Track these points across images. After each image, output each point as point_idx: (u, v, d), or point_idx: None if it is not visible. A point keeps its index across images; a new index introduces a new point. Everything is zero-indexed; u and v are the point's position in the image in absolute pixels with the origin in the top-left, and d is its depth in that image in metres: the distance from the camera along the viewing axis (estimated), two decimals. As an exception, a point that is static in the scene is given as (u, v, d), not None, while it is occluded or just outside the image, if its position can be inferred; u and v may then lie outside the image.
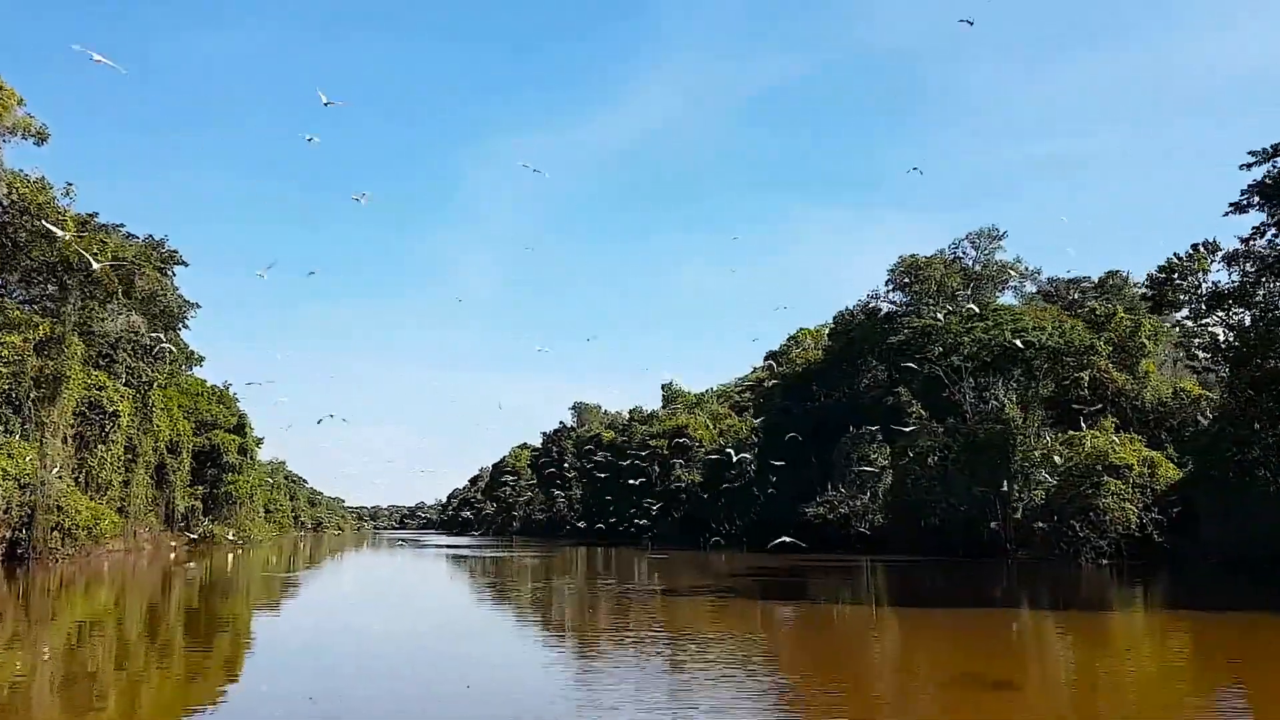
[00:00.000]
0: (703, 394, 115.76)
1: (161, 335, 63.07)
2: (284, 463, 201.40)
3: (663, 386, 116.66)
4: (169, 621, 24.96)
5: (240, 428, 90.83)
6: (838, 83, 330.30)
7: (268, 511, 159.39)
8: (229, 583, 41.99)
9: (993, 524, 51.25)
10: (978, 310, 57.01)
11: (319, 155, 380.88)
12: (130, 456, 62.32)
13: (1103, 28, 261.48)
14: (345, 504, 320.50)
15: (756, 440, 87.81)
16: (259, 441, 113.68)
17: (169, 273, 64.36)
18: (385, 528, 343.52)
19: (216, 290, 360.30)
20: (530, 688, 14.64)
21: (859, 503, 58.23)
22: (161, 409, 66.06)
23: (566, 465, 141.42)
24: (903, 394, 61.40)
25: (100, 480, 56.14)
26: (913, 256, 67.47)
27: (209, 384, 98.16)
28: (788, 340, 78.58)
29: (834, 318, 72.69)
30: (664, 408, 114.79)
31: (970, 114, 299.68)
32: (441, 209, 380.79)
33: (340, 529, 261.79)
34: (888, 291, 70.27)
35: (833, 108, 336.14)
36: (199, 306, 64.77)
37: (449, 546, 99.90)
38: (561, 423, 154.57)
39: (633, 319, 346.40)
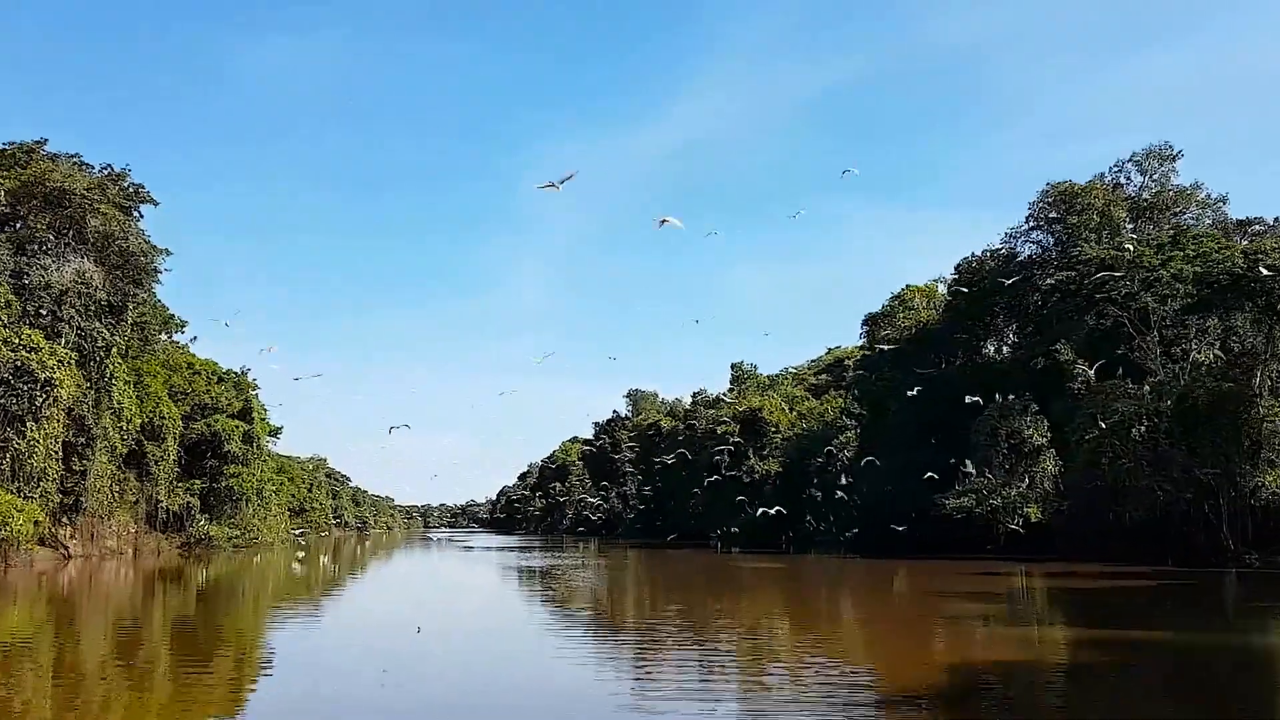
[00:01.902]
0: (776, 375, 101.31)
1: (130, 289, 50.93)
2: (325, 459, 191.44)
3: (732, 366, 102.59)
4: None
5: (246, 413, 78.77)
6: (893, 83, 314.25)
7: (301, 511, 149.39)
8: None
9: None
10: (1171, 238, 41.97)
11: (371, 165, 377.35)
12: (84, 440, 50.21)
13: (1166, 25, 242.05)
14: (395, 502, 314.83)
15: (851, 422, 73.34)
16: (276, 430, 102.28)
17: (134, 213, 52.16)
18: (436, 526, 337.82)
19: (274, 298, 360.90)
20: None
21: (1013, 492, 43.52)
22: (126, 382, 53.84)
23: (621, 457, 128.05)
24: (1062, 351, 46.61)
25: (29, 468, 43.95)
26: (1067, 183, 52.53)
27: (214, 363, 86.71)
28: (891, 300, 63.98)
29: (956, 267, 58.06)
30: (732, 390, 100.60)
31: (1030, 113, 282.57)
32: (494, 218, 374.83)
33: (390, 527, 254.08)
34: (1027, 230, 55.39)
35: (888, 108, 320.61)
36: (169, 253, 52.37)
37: (490, 549, 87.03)
38: (615, 412, 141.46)
39: (686, 323, 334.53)
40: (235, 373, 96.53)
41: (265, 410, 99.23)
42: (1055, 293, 47.67)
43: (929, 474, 51.21)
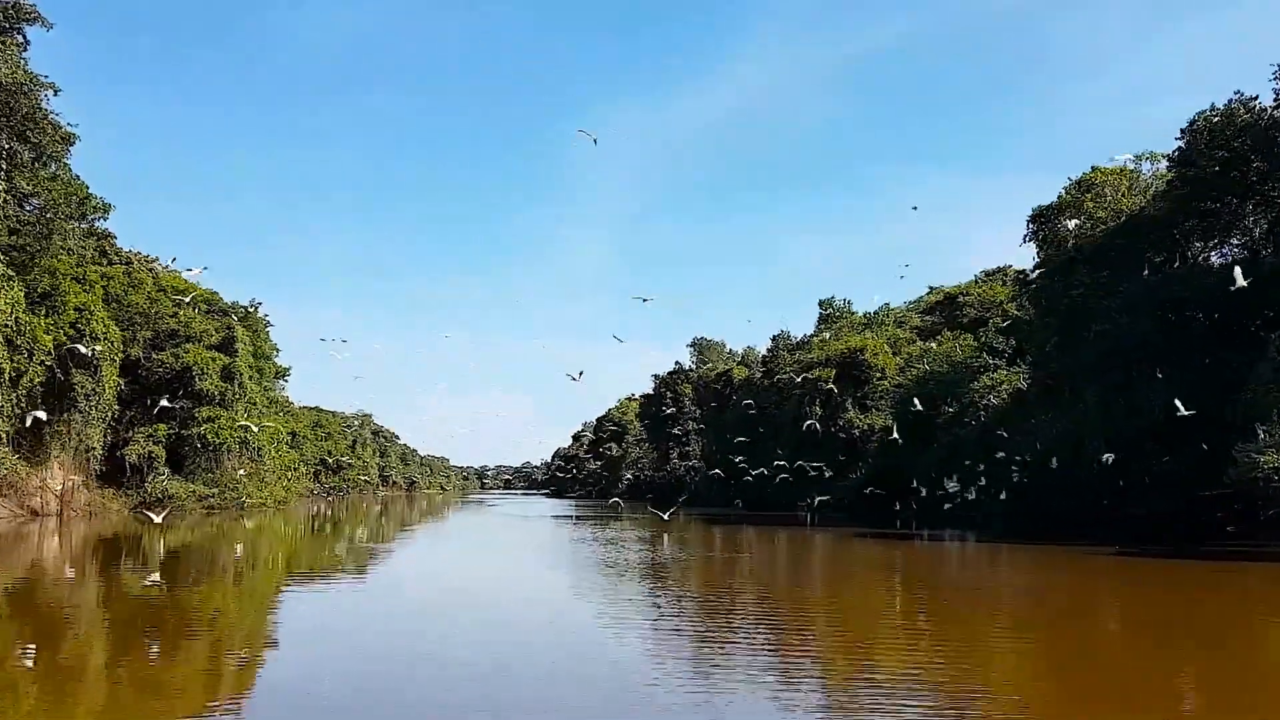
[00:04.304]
0: (874, 313, 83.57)
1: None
2: (370, 416, 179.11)
3: (820, 304, 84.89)
4: None
5: (228, 344, 64.08)
6: (952, 45, 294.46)
7: (338, 468, 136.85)
8: None
9: None
10: None
11: (420, 131, 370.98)
12: (-62, 356, 35.57)
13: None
14: (450, 463, 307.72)
15: (995, 361, 55.84)
16: (283, 371, 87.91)
17: (14, 35, 36.93)
18: (492, 488, 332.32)
19: (321, 258, 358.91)
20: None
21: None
22: (9, 278, 38.84)
23: (685, 414, 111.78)
24: None
25: None
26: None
27: (212, 291, 72.40)
28: (1070, 188, 46.11)
29: (1184, 130, 39.84)
30: (821, 331, 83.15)
31: (1093, 73, 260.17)
32: (545, 185, 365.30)
33: (444, 488, 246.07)
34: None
35: (944, 69, 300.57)
36: (57, 90, 36.90)
37: (537, 518, 72.13)
38: (677, 363, 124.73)
39: (739, 291, 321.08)
40: (243, 307, 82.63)
41: (276, 348, 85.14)
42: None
43: (1159, 422, 33.99)
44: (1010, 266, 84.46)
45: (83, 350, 36.56)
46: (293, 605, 20.37)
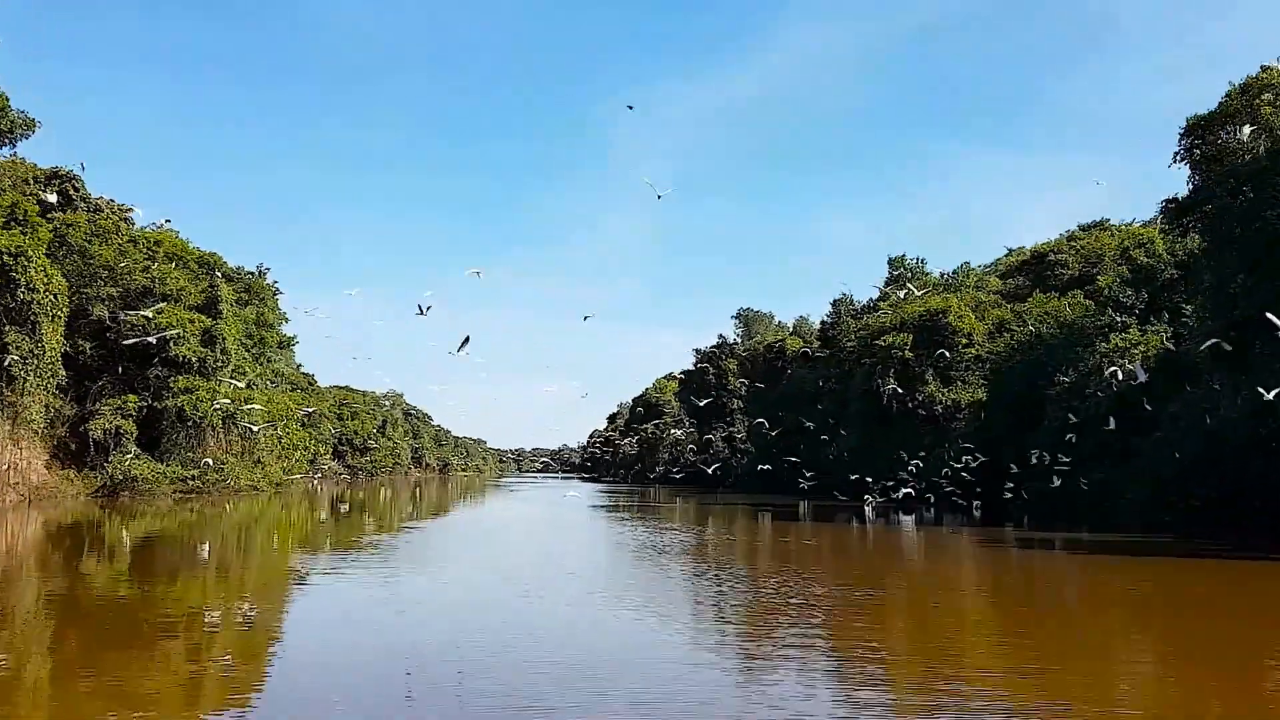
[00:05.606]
0: (953, 272, 73.15)
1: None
2: (401, 395, 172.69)
3: (890, 262, 74.36)
4: None
5: (211, 304, 55.82)
6: (1000, 15, 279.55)
7: (364, 449, 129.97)
8: None
9: None
10: None
11: (466, 112, 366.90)
12: None
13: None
14: (487, 445, 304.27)
15: (1123, 318, 45.61)
16: (288, 340, 79.88)
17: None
18: (528, 470, 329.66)
19: (353, 235, 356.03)
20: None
21: None
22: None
23: (731, 390, 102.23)
24: None
25: None
26: None
27: (215, 255, 64.38)
28: (1234, 93, 35.82)
29: None
30: (889, 294, 73.02)
31: (1156, 46, 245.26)
32: (583, 165, 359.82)
33: (480, 470, 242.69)
34: None
35: (993, 42, 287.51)
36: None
37: (566, 510, 63.76)
38: (721, 337, 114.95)
39: (780, 271, 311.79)
40: (250, 272, 74.76)
41: (284, 317, 77.09)
42: None
43: None
44: (1108, 220, 73.77)
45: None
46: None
